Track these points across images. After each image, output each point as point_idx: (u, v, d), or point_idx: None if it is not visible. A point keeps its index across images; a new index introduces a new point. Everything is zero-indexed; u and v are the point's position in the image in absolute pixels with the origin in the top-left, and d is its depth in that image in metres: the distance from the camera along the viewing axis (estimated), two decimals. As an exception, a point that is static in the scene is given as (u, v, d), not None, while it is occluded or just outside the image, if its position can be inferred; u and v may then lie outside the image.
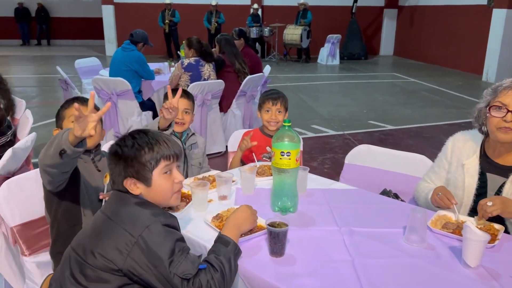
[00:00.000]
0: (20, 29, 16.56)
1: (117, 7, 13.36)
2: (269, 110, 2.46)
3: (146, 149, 1.34)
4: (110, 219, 1.31)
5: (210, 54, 4.46)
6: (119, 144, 1.38)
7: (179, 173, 1.42)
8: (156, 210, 1.34)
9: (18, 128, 2.83)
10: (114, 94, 4.34)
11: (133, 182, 1.35)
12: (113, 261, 1.25)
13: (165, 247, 1.23)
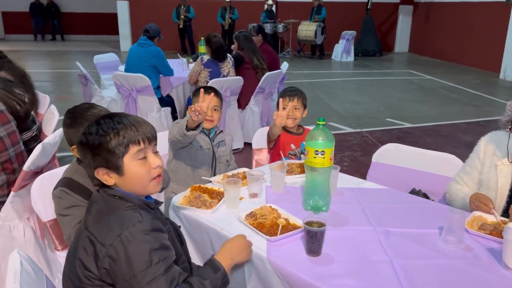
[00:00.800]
0: (33, 24, 16.72)
1: (131, 3, 13.42)
2: (286, 107, 2.45)
3: (112, 135, 1.22)
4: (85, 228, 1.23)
5: (221, 52, 4.39)
6: (84, 133, 1.27)
7: (156, 157, 1.29)
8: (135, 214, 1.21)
9: (43, 123, 2.85)
10: (134, 90, 4.36)
11: (104, 172, 1.25)
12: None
13: (139, 259, 1.13)
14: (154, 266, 1.13)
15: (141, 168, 1.26)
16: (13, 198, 2.15)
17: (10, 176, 2.19)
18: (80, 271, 1.21)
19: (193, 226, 1.63)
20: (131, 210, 1.23)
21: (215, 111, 2.31)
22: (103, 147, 1.22)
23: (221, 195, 1.74)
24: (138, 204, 1.27)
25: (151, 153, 1.29)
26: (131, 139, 1.23)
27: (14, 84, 2.68)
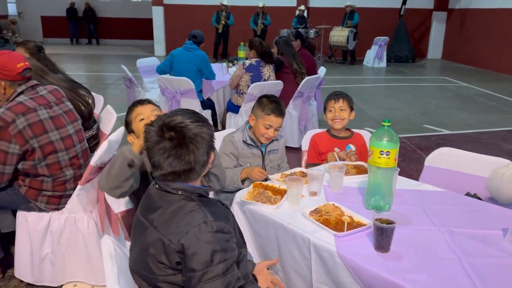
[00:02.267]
0: (70, 28, 17.33)
1: (166, 8, 13.75)
2: (332, 109, 2.51)
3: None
4: (153, 227, 1.34)
5: (270, 55, 4.53)
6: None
7: None
8: (201, 215, 1.29)
9: (101, 122, 3.00)
10: (178, 93, 4.50)
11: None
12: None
13: (201, 258, 1.22)
14: (213, 266, 1.22)
15: None
16: (80, 191, 2.29)
17: (77, 171, 2.33)
18: (152, 265, 1.31)
19: (258, 220, 1.71)
20: (196, 211, 1.31)
21: (276, 130, 2.38)
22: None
23: (282, 192, 1.81)
24: (199, 193, 1.37)
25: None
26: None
27: (78, 85, 2.85)
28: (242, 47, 5.39)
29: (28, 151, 2.13)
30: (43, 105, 2.19)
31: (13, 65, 2.14)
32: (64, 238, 2.31)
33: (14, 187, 2.25)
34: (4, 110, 2.07)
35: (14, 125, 2.06)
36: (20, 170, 2.19)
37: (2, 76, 2.15)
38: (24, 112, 2.10)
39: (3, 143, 2.06)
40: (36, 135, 2.12)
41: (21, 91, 2.17)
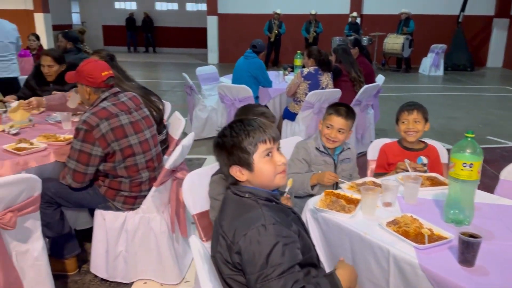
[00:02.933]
0: (128, 37, 18.17)
1: (220, 18, 14.08)
2: (406, 121, 2.46)
3: (243, 135, 1.39)
4: (219, 225, 1.41)
5: (328, 63, 4.53)
6: (219, 136, 1.47)
7: (280, 155, 1.45)
8: (260, 218, 1.32)
9: (169, 127, 3.14)
10: (237, 100, 4.60)
11: (238, 169, 1.42)
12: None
13: (258, 260, 1.25)
14: (269, 269, 1.24)
15: (268, 164, 1.43)
16: (154, 193, 2.40)
17: (151, 173, 2.45)
18: (221, 262, 1.38)
19: (332, 229, 1.72)
20: (257, 213, 1.35)
21: (340, 133, 2.37)
22: (236, 146, 1.40)
23: (355, 202, 1.81)
24: (266, 197, 1.43)
25: (276, 151, 1.45)
26: (259, 139, 1.40)
27: (149, 92, 3.00)
28: (298, 55, 5.43)
29: (109, 153, 2.27)
30: (124, 111, 2.33)
31: (98, 73, 2.30)
32: (137, 237, 2.43)
33: (95, 187, 2.41)
34: (89, 115, 2.23)
35: (98, 129, 2.21)
36: (100, 171, 2.34)
37: (87, 83, 2.31)
38: (107, 117, 2.25)
39: (87, 145, 2.21)
40: (117, 139, 2.26)
41: (105, 97, 2.32)
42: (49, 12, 14.32)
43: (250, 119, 1.48)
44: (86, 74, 2.30)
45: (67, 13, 17.90)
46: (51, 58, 3.49)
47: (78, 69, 2.34)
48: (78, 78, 2.34)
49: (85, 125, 2.20)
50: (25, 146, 2.41)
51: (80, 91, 2.38)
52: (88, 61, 2.36)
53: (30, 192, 1.96)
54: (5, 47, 4.48)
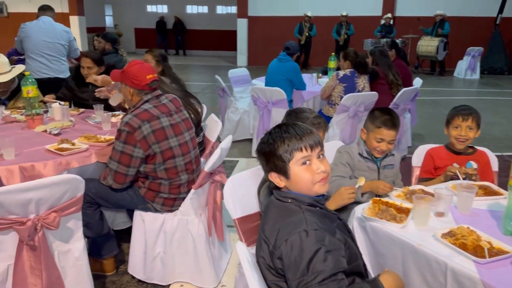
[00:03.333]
0: (159, 39, 18.44)
1: (250, 20, 14.10)
2: (459, 127, 2.35)
3: (279, 143, 1.38)
4: (262, 230, 1.40)
5: (365, 65, 4.43)
6: (260, 142, 1.46)
7: (320, 162, 1.39)
8: (302, 224, 1.30)
9: (206, 129, 3.12)
10: (270, 103, 4.56)
11: (276, 176, 1.41)
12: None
13: (299, 266, 1.22)
14: (310, 275, 1.20)
15: (305, 172, 1.38)
16: (193, 195, 2.39)
17: (190, 175, 2.44)
18: (264, 268, 1.37)
19: (381, 239, 1.65)
20: (299, 219, 1.32)
21: (391, 143, 2.28)
22: (272, 153, 1.39)
23: (406, 211, 1.73)
24: (309, 202, 1.40)
25: (315, 159, 1.39)
26: (294, 147, 1.37)
27: (189, 94, 3.00)
28: (332, 58, 5.34)
29: (149, 155, 2.27)
30: (165, 113, 2.33)
31: (143, 76, 2.30)
32: (175, 239, 2.42)
33: (134, 188, 2.41)
34: (131, 117, 2.23)
35: (140, 131, 2.21)
36: (141, 172, 2.34)
37: (132, 84, 2.32)
38: (149, 119, 2.25)
39: (128, 147, 2.22)
40: (158, 141, 2.26)
41: (147, 100, 2.32)
42: (84, 15, 14.73)
43: (289, 124, 1.45)
44: (131, 75, 2.31)
45: (101, 16, 18.36)
46: (90, 59, 3.54)
47: (124, 69, 2.35)
48: (123, 79, 2.35)
49: (127, 127, 2.20)
50: (67, 147, 2.44)
51: (123, 91, 2.39)
52: (134, 62, 2.37)
53: (74, 193, 1.98)
54: (56, 48, 4.67)
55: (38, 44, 4.59)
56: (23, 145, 2.52)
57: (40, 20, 4.70)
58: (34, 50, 4.58)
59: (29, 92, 2.98)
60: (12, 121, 3.08)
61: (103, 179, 2.33)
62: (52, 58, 4.65)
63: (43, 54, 4.60)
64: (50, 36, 4.65)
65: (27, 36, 4.61)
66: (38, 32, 4.62)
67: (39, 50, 4.58)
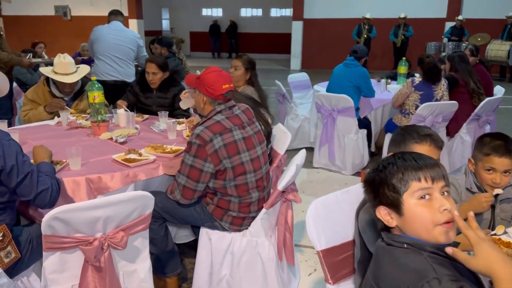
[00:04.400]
0: (212, 43, 18.61)
1: (305, 23, 13.83)
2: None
3: (392, 170, 1.17)
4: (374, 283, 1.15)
5: (436, 73, 4.00)
6: (370, 170, 1.26)
7: (444, 199, 1.13)
8: (430, 272, 1.03)
9: (274, 141, 2.92)
10: (335, 110, 4.29)
11: (386, 212, 1.19)
12: None
13: None
14: None
15: (423, 209, 1.13)
16: (264, 215, 2.19)
17: (261, 193, 2.24)
18: None
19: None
20: (424, 264, 1.07)
21: (507, 175, 1.87)
22: (384, 183, 1.19)
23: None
24: (431, 250, 1.11)
25: (438, 194, 1.15)
26: (412, 176, 1.15)
27: (258, 103, 2.81)
28: (403, 62, 4.97)
29: (220, 170, 2.10)
30: (237, 125, 2.15)
31: (219, 85, 2.14)
32: (243, 261, 2.23)
33: (202, 204, 2.25)
34: (203, 129, 2.07)
35: (211, 144, 2.04)
36: (210, 188, 2.18)
37: (206, 92, 2.16)
38: (221, 132, 2.07)
39: (199, 161, 2.05)
40: (229, 156, 2.08)
41: (220, 110, 2.15)
42: (143, 19, 15.13)
43: (405, 152, 1.24)
44: (207, 83, 2.15)
45: (157, 19, 18.81)
46: (155, 65, 3.46)
47: (200, 76, 2.20)
48: (198, 85, 2.20)
49: (199, 140, 2.04)
50: (134, 157, 2.32)
51: (196, 98, 2.24)
52: (212, 69, 2.21)
53: (143, 210, 1.84)
54: (125, 51, 4.69)
55: (108, 47, 4.62)
56: (88, 154, 2.44)
57: (111, 24, 4.76)
58: (104, 52, 4.61)
59: (95, 98, 2.92)
60: (77, 126, 3.04)
61: (170, 193, 2.19)
62: (120, 61, 4.67)
63: (112, 56, 4.62)
64: (120, 40, 4.67)
65: (97, 38, 4.65)
66: (109, 34, 4.66)
67: (109, 52, 4.61)
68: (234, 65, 3.38)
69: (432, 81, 3.98)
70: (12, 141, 1.77)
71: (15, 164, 1.73)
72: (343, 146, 4.38)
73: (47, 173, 1.88)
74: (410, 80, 4.06)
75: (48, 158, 2.07)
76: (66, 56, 3.21)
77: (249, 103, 2.58)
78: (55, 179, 1.89)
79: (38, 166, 1.92)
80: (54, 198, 1.83)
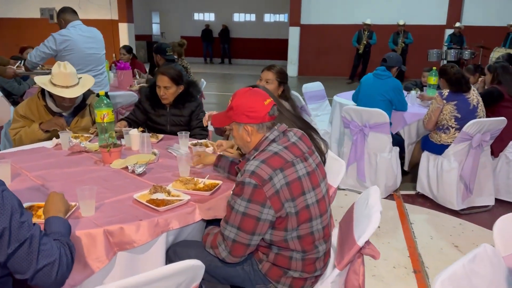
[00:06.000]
0: (204, 48, 18.06)
1: (303, 29, 13.43)
2: None
3: None
4: None
5: (464, 83, 3.59)
6: None
7: None
8: None
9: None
10: (367, 126, 3.84)
11: None
12: None
13: None
14: None
15: None
16: (336, 277, 1.69)
17: (327, 244, 1.76)
18: None
19: None
20: None
21: None
22: None
23: None
24: None
25: None
26: None
27: (309, 124, 2.32)
28: (433, 72, 4.54)
29: (280, 217, 1.60)
30: (299, 156, 1.67)
31: (260, 103, 1.68)
32: (306, 335, 1.73)
33: (253, 261, 1.75)
34: (259, 164, 1.58)
35: (271, 184, 1.55)
36: (264, 241, 1.68)
37: (249, 120, 1.68)
38: (282, 166, 1.59)
39: (255, 206, 1.56)
40: (293, 197, 1.59)
41: (273, 138, 1.67)
42: (133, 22, 14.54)
43: None
44: (245, 108, 1.68)
45: (147, 23, 18.21)
46: (168, 78, 2.94)
47: (232, 105, 1.72)
48: (233, 117, 1.72)
49: (255, 178, 1.55)
50: (162, 198, 1.81)
51: (237, 135, 1.75)
52: (241, 91, 1.74)
53: (189, 284, 1.34)
54: (99, 60, 3.94)
55: (80, 58, 3.70)
56: (101, 190, 1.92)
57: (79, 28, 3.76)
58: (79, 64, 3.56)
59: (105, 117, 2.41)
60: (81, 150, 2.51)
61: (212, 247, 1.69)
62: (96, 72, 3.87)
63: (88, 68, 3.78)
64: (93, 48, 3.84)
65: (71, 49, 3.66)
66: (82, 43, 3.73)
67: (81, 64, 3.67)
68: (265, 78, 2.90)
69: (462, 91, 3.56)
70: (7, 193, 1.24)
71: (7, 227, 1.20)
72: (374, 165, 3.92)
73: (58, 235, 1.36)
74: (438, 94, 3.64)
75: (64, 213, 1.55)
76: (67, 65, 2.67)
77: (298, 124, 2.11)
78: (67, 245, 1.36)
79: (47, 223, 1.41)
80: (62, 275, 1.29)
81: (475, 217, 3.56)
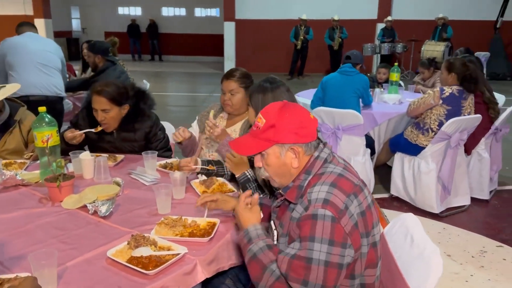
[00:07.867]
0: (131, 44, 16.99)
1: (238, 24, 13.03)
2: None
3: None
4: None
5: (476, 82, 3.35)
6: None
7: None
8: None
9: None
10: (340, 129, 3.55)
11: None
12: None
13: None
14: None
15: None
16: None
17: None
18: None
19: None
20: None
21: None
22: None
23: None
24: None
25: None
26: None
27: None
28: (395, 69, 4.39)
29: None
30: (357, 177, 1.30)
31: (308, 116, 1.31)
32: None
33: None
34: (329, 189, 1.19)
35: (348, 214, 1.18)
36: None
37: (298, 139, 1.29)
38: (354, 191, 1.23)
39: (336, 249, 1.16)
40: (368, 231, 1.24)
41: (325, 157, 1.29)
42: (51, 18, 13.18)
43: None
44: (295, 125, 1.28)
45: (66, 18, 16.70)
46: (106, 99, 2.23)
47: (274, 123, 1.28)
48: (277, 138, 1.29)
49: (330, 209, 1.16)
50: (149, 255, 1.32)
51: (274, 162, 1.32)
52: (279, 106, 1.31)
53: None
54: (53, 60, 3.67)
55: (30, 54, 3.48)
56: (57, 245, 1.38)
57: (26, 34, 3.65)
58: (25, 62, 3.45)
59: (48, 140, 1.83)
60: (17, 184, 1.90)
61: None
62: (49, 69, 3.56)
63: (36, 64, 3.49)
64: (44, 45, 3.61)
65: (12, 48, 3.48)
66: (28, 42, 3.56)
67: (33, 60, 3.48)
68: (228, 90, 2.24)
69: (468, 90, 3.35)
70: None
71: None
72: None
73: None
74: (439, 90, 3.37)
75: None
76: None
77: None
78: None
79: None
80: None
81: (455, 219, 3.42)
